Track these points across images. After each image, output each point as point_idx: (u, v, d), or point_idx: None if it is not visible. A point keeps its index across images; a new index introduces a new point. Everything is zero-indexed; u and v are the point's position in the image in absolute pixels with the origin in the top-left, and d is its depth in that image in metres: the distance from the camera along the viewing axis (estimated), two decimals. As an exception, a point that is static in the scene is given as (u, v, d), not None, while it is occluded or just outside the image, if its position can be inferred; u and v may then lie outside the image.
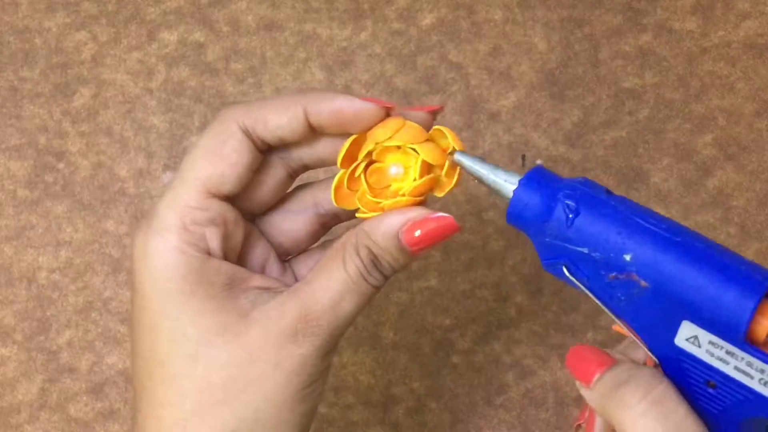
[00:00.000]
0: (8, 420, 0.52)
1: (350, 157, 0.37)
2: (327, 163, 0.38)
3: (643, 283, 0.32)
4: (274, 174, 0.38)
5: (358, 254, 0.36)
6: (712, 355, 0.32)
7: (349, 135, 0.36)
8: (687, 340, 0.32)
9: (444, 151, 0.37)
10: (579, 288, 0.34)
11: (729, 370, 0.32)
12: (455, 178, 0.37)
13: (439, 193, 0.37)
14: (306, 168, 0.39)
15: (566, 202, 0.33)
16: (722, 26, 0.54)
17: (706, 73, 0.54)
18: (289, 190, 0.40)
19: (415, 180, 0.36)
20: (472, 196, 0.53)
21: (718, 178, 0.53)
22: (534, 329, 0.52)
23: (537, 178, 0.34)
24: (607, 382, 0.34)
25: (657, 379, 0.33)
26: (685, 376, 0.33)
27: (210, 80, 0.54)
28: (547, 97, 0.54)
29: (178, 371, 0.35)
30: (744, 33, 0.54)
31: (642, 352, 0.36)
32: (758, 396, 0.32)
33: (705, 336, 0.32)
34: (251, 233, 0.39)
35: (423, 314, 0.52)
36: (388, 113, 0.37)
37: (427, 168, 0.37)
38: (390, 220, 0.35)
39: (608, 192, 0.34)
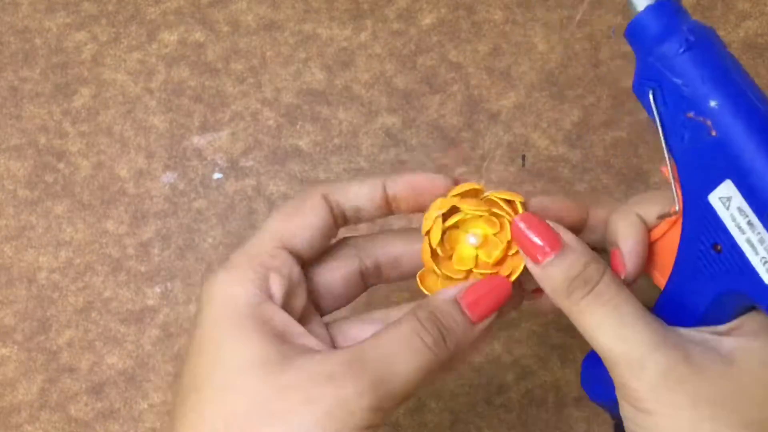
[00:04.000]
0: (8, 420, 0.52)
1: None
2: (401, 264, 0.40)
3: (713, 132, 0.34)
4: (347, 263, 0.39)
5: (415, 315, 0.35)
6: (734, 220, 0.34)
7: (422, 210, 0.38)
8: (720, 198, 0.34)
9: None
10: (652, 116, 0.36)
11: (741, 239, 0.34)
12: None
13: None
14: (378, 272, 0.40)
15: (688, 35, 0.35)
16: (722, 26, 0.54)
17: (706, 73, 0.54)
18: (333, 242, 0.40)
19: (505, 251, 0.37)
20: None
21: (718, 178, 0.53)
22: (534, 329, 0.52)
23: (670, 5, 0.36)
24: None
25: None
26: (698, 233, 0.35)
27: (210, 80, 0.54)
28: (547, 97, 0.54)
29: (209, 398, 0.34)
30: (744, 33, 0.54)
31: None
32: (751, 271, 0.34)
33: (737, 200, 0.33)
34: (314, 317, 0.39)
35: (423, 314, 0.52)
36: (456, 184, 0.38)
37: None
38: (446, 290, 0.37)
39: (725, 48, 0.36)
